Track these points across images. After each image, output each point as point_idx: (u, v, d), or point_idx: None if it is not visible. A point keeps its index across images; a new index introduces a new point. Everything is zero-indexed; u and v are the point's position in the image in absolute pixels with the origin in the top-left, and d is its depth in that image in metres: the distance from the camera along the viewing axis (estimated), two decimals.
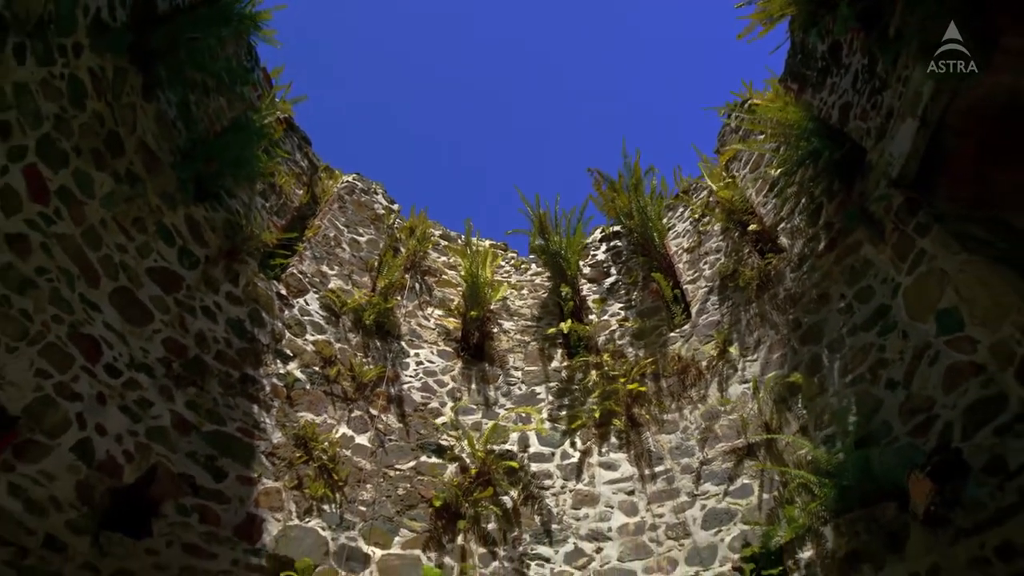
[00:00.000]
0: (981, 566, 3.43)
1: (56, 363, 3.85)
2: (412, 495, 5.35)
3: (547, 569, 4.99)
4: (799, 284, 5.38)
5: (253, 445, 4.91)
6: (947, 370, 3.98)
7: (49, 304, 3.89)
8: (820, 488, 4.29)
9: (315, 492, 4.92)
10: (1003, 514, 3.42)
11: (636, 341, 6.54)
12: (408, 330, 6.67)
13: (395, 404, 5.96)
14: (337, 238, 6.93)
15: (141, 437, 4.27)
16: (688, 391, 5.79)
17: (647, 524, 5.11)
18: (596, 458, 5.72)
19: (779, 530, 4.47)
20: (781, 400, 5.04)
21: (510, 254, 8.52)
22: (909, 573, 3.72)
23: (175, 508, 4.25)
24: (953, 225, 4.19)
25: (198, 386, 4.79)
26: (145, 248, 4.73)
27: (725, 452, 5.17)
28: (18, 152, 3.70)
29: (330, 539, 4.77)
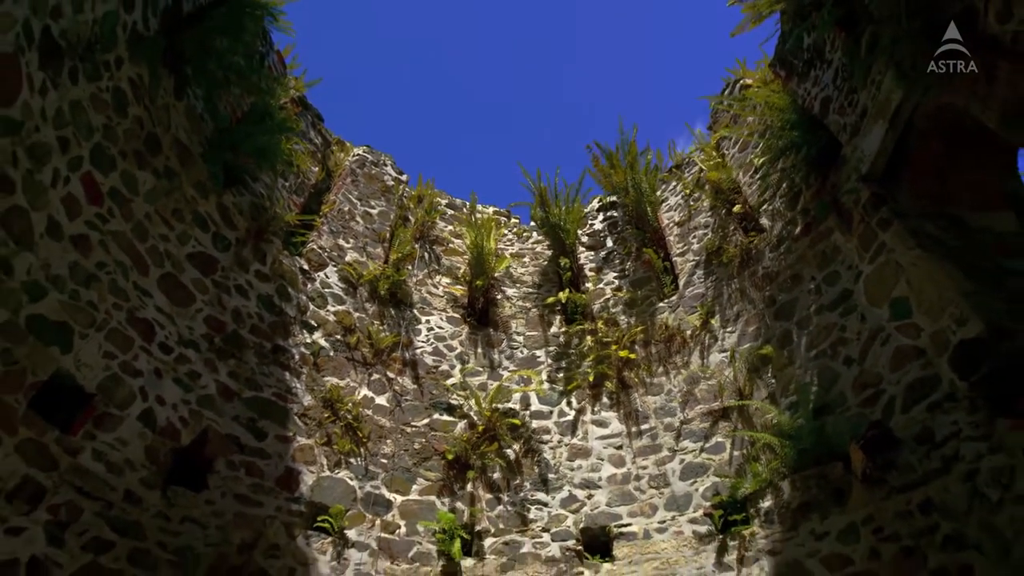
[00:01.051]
0: (905, 518, 4.10)
1: (119, 345, 4.41)
2: (427, 449, 6.03)
3: (545, 512, 5.72)
4: (776, 263, 5.86)
5: (287, 408, 5.54)
6: (895, 351, 4.53)
7: (109, 294, 4.40)
8: (781, 448, 4.93)
9: (342, 447, 5.58)
10: (927, 477, 4.06)
11: (628, 309, 7.09)
12: (419, 298, 7.21)
13: (409, 367, 6.57)
14: (351, 211, 7.36)
15: (193, 405, 4.88)
16: (673, 357, 6.38)
17: (632, 475, 5.81)
18: (589, 416, 6.38)
19: (745, 483, 5.14)
20: (754, 369, 5.62)
21: (513, 221, 8.95)
22: (849, 522, 4.40)
23: (225, 464, 4.91)
24: (912, 222, 4.64)
25: (237, 358, 5.37)
26: (184, 236, 5.20)
27: (703, 414, 5.81)
28: (76, 162, 4.12)
29: (357, 488, 5.47)
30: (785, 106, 5.77)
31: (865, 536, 4.26)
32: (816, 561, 4.44)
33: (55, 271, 3.96)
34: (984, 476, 3.73)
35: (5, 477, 3.54)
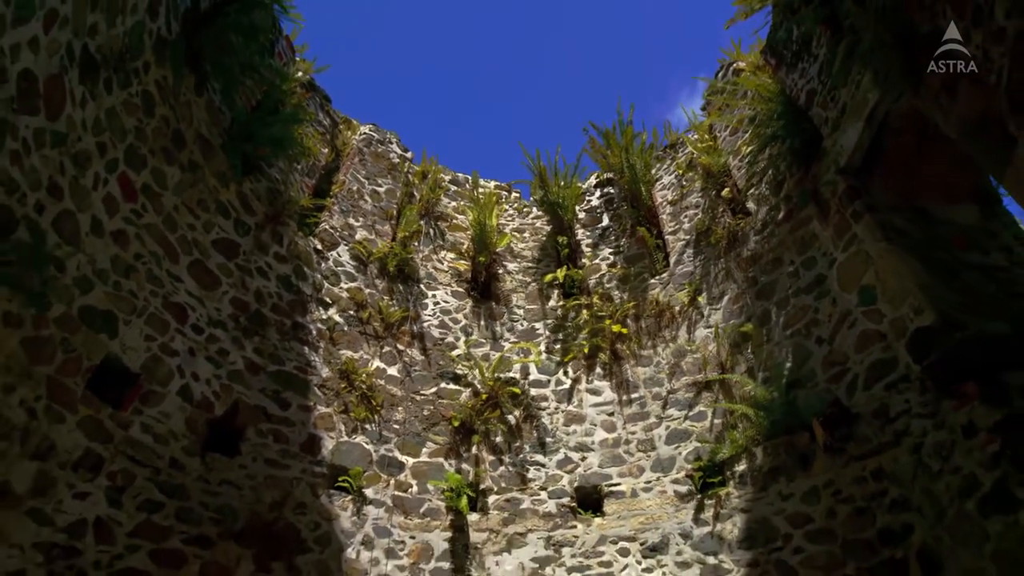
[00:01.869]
0: (860, 483, 4.62)
1: (157, 328, 4.85)
2: (435, 415, 6.55)
3: (543, 473, 6.28)
4: (760, 246, 6.24)
5: (307, 380, 6.02)
6: (860, 334, 4.97)
7: (146, 282, 4.82)
8: (756, 418, 5.43)
9: (358, 415, 6.10)
10: (881, 448, 4.56)
11: (622, 285, 7.49)
12: (425, 274, 7.61)
13: (417, 340, 7.03)
14: (360, 191, 7.68)
15: (224, 379, 5.35)
16: (662, 331, 6.83)
17: (622, 439, 6.34)
18: (584, 385, 6.87)
19: (723, 448, 5.66)
20: (735, 345, 6.07)
21: (513, 195, 9.25)
22: (811, 485, 4.93)
23: (255, 432, 5.42)
24: (881, 215, 5.00)
25: (260, 335, 5.82)
26: (208, 224, 5.57)
27: (688, 384, 6.30)
28: (112, 164, 4.47)
29: (373, 451, 6.01)
30: (773, 96, 6.03)
31: (825, 498, 4.79)
32: (782, 518, 5.00)
33: (99, 265, 4.36)
34: (928, 449, 4.22)
35: (70, 449, 4.04)
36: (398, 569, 5.39)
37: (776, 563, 4.86)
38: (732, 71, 7.14)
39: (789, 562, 4.80)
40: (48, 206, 3.84)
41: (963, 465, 3.95)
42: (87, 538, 4.08)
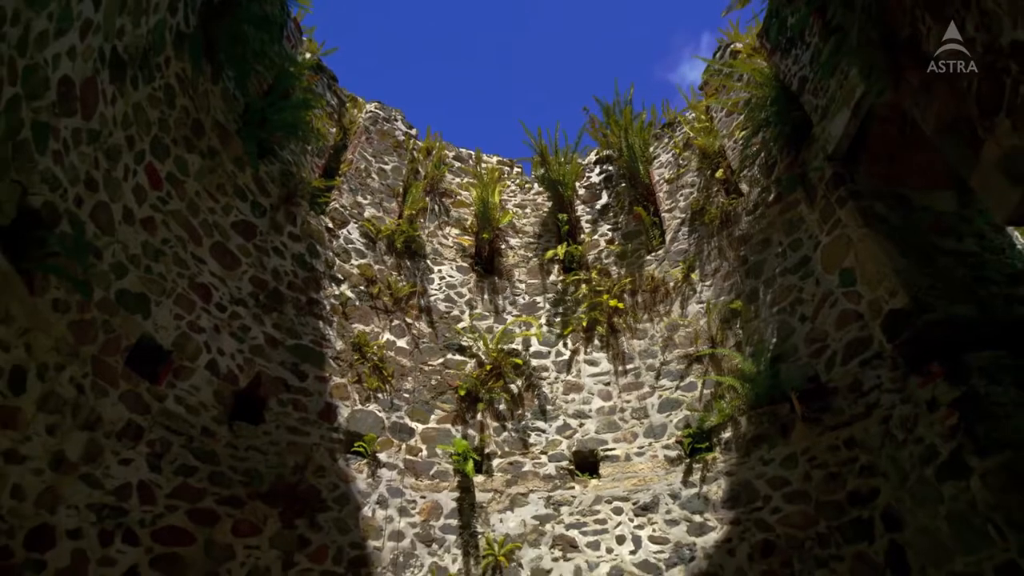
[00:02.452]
0: (833, 450, 5.03)
1: (185, 308, 5.18)
2: (442, 384, 6.95)
3: (543, 438, 6.71)
4: (751, 227, 6.52)
5: (323, 352, 6.39)
6: (840, 314, 5.31)
7: (173, 265, 5.13)
8: (742, 390, 5.81)
9: (371, 385, 6.49)
10: (853, 419, 4.95)
11: (619, 261, 7.80)
12: (431, 249, 7.91)
13: (425, 313, 7.38)
14: (367, 169, 7.91)
15: (246, 353, 5.72)
16: (657, 306, 7.16)
17: (618, 407, 6.75)
18: (582, 356, 7.25)
19: (711, 417, 6.07)
20: (725, 320, 6.42)
21: (515, 171, 9.46)
22: (790, 452, 5.34)
23: (276, 402, 5.81)
24: (864, 201, 5.27)
25: (278, 311, 6.16)
26: (228, 207, 5.85)
27: (680, 357, 6.67)
28: (140, 156, 4.73)
29: (385, 418, 6.42)
30: (767, 81, 6.22)
31: (802, 463, 5.21)
32: (763, 481, 5.43)
33: (132, 251, 4.67)
34: (895, 421, 4.61)
35: (114, 421, 4.43)
36: (410, 526, 5.86)
37: (756, 521, 5.31)
38: (729, 52, 7.29)
39: (768, 520, 5.25)
40: (85, 199, 4.13)
41: (925, 436, 4.34)
42: (132, 499, 4.51)
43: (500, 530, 5.99)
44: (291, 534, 5.28)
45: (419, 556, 5.71)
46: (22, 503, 3.75)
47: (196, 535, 4.82)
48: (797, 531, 5.05)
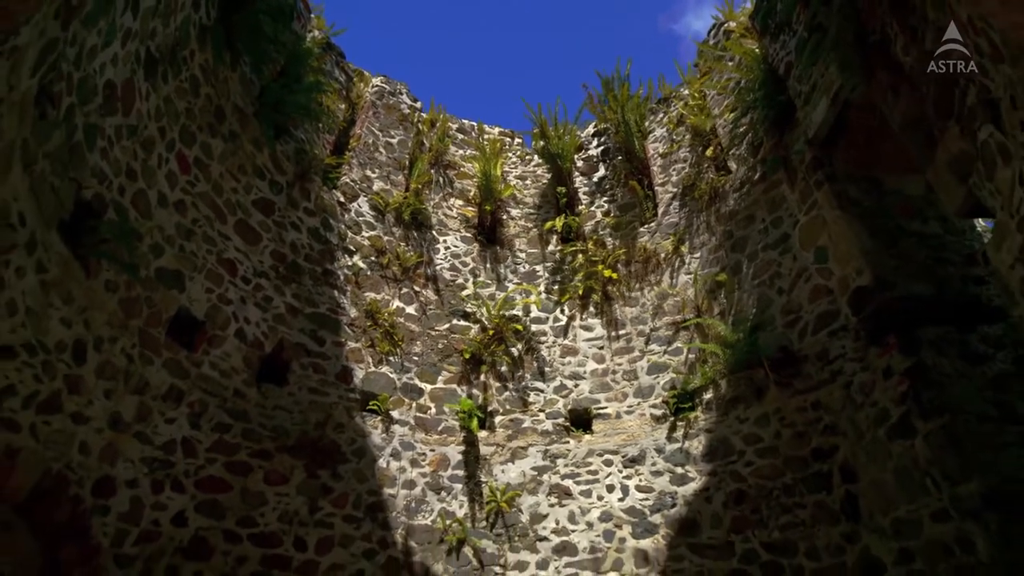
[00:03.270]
0: (801, 411, 5.56)
1: (215, 281, 5.64)
2: (448, 348, 7.46)
3: (541, 397, 7.26)
4: (737, 203, 6.89)
5: (338, 319, 6.87)
6: (813, 288, 5.75)
7: (203, 242, 5.56)
8: (723, 355, 6.31)
9: (383, 349, 7.00)
10: (820, 384, 5.46)
11: (614, 232, 8.18)
12: (437, 220, 8.29)
13: (431, 282, 7.83)
14: (375, 143, 8.21)
15: (270, 322, 6.20)
16: (648, 276, 7.60)
17: (610, 370, 7.28)
18: (578, 322, 7.74)
19: (694, 379, 6.59)
20: (710, 291, 6.87)
21: (516, 142, 9.73)
22: (763, 412, 5.87)
23: (299, 366, 6.33)
24: (839, 185, 5.64)
25: (297, 282, 6.61)
26: (248, 186, 6.22)
27: (668, 324, 7.15)
28: (171, 144, 5.09)
29: (396, 379, 6.95)
30: (756, 64, 6.49)
31: (773, 422, 5.75)
32: (738, 438, 5.98)
33: (167, 232, 5.09)
34: (855, 386, 5.12)
35: (159, 385, 4.94)
36: (421, 476, 6.46)
37: (731, 473, 5.89)
38: (723, 31, 7.49)
39: (741, 472, 5.83)
40: (127, 188, 4.54)
41: (879, 400, 4.85)
42: (177, 453, 5.07)
43: (502, 480, 6.60)
44: (315, 483, 5.88)
45: (429, 502, 6.33)
46: (88, 457, 4.30)
47: (233, 484, 5.42)
48: (766, 482, 5.64)
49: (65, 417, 4.04)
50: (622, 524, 6.21)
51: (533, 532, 6.28)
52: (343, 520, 5.86)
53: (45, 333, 3.78)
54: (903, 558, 4.52)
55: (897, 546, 4.57)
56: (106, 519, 4.47)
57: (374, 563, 5.81)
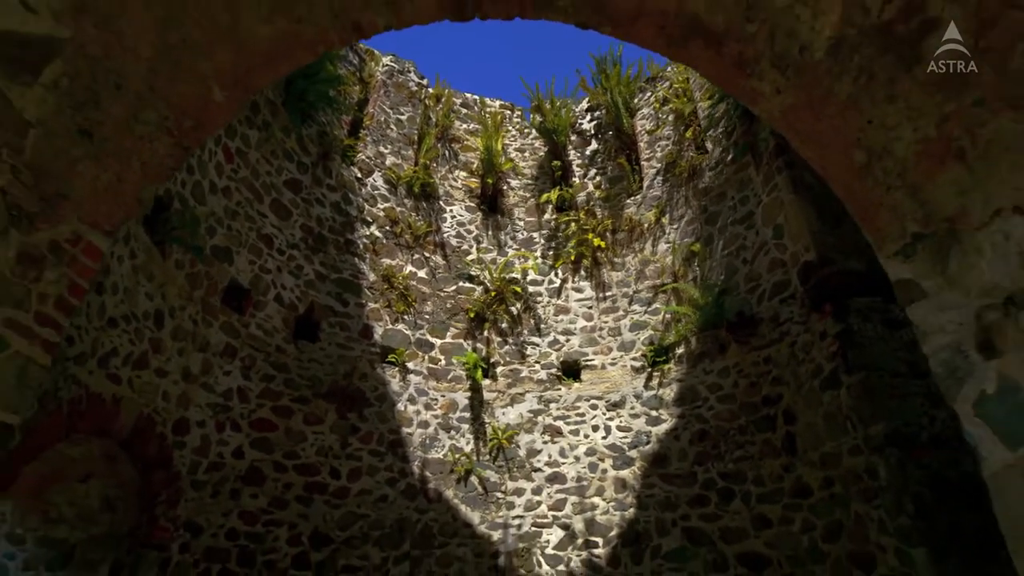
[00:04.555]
0: (756, 365, 6.48)
1: (256, 254, 6.46)
2: (455, 307, 8.36)
3: (537, 351, 8.20)
4: (712, 181, 7.63)
5: (359, 284, 7.73)
6: (770, 261, 6.58)
7: (245, 221, 6.36)
8: (694, 316, 7.20)
9: (398, 309, 7.89)
10: (771, 342, 6.36)
11: (604, 203, 8.93)
12: (444, 192, 9.03)
13: (439, 248, 8.65)
14: (386, 121, 8.85)
15: (302, 287, 7.06)
16: (633, 244, 8.41)
17: (597, 327, 8.19)
18: (570, 285, 8.60)
19: (669, 336, 7.51)
20: (686, 259, 7.70)
21: (516, 112, 10.31)
22: (725, 365, 6.80)
23: (327, 325, 7.23)
24: (796, 171, 6.38)
25: (323, 252, 7.43)
26: (279, 168, 6.96)
27: (649, 287, 8.01)
28: (217, 139, 5.81)
29: (411, 335, 7.88)
30: None
31: (733, 374, 6.70)
32: (703, 387, 6.95)
33: (218, 215, 5.88)
34: (798, 345, 6.03)
35: (217, 344, 5.85)
36: (433, 417, 7.47)
37: (696, 416, 6.89)
38: None
39: (704, 415, 6.82)
40: (187, 181, 5.31)
41: (816, 357, 5.76)
42: (234, 400, 6.03)
43: (503, 421, 7.62)
44: (345, 423, 6.88)
45: (441, 439, 7.36)
46: (168, 404, 5.24)
47: (278, 424, 6.41)
48: (725, 423, 6.63)
49: (151, 372, 4.96)
50: (604, 458, 7.26)
51: (529, 464, 7.34)
52: (369, 454, 6.90)
53: (136, 306, 4.65)
54: (826, 483, 5.54)
55: (822, 474, 5.59)
56: (183, 452, 5.46)
57: (396, 489, 6.87)
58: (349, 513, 6.54)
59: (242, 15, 2.01)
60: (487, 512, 7.03)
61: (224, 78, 2.13)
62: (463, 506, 7.01)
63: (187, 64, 2.00)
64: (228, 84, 2.16)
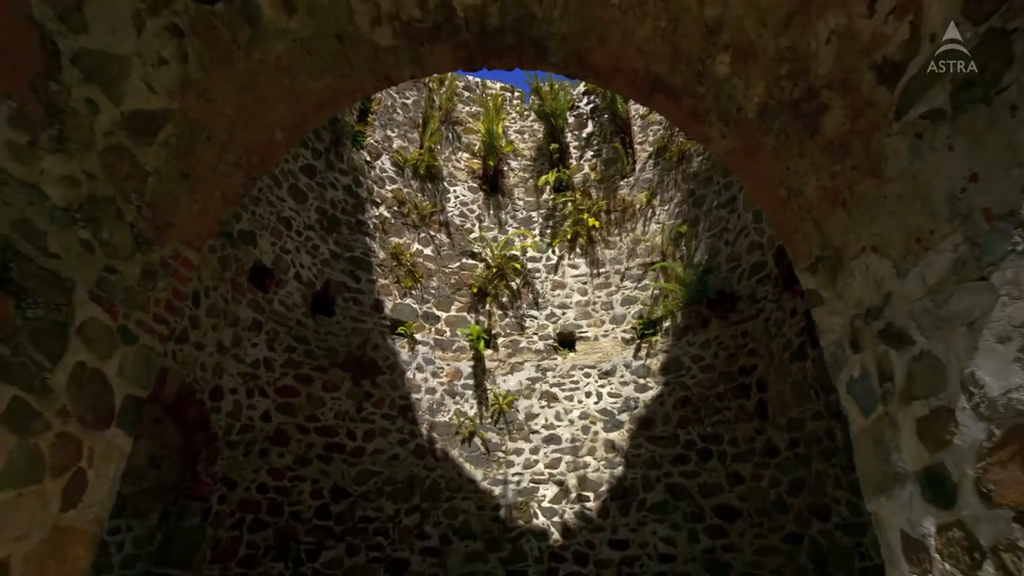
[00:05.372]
0: (734, 338, 7.13)
1: (276, 236, 7.02)
2: (459, 283, 8.95)
3: (535, 323, 8.83)
4: (699, 166, 8.13)
5: (370, 261, 8.31)
6: (750, 243, 7.14)
7: (267, 206, 6.90)
8: (680, 293, 7.80)
9: (407, 284, 8.49)
10: (748, 318, 6.97)
11: (599, 184, 9.43)
12: (447, 173, 9.52)
13: (444, 227, 9.19)
14: (392, 105, 9.28)
15: (318, 265, 7.64)
16: (625, 224, 8.95)
17: (591, 301, 8.81)
18: (567, 261, 9.17)
19: (657, 310, 8.13)
20: (674, 239, 8.26)
21: (516, 94, 10.70)
22: (707, 338, 7.43)
23: (342, 300, 7.84)
24: None
25: (337, 232, 7.99)
26: (296, 155, 7.45)
27: (639, 265, 8.59)
28: None
29: (418, 309, 8.50)
30: None
31: (713, 346, 7.34)
32: (687, 357, 7.59)
33: (243, 202, 6.43)
34: (772, 321, 6.65)
35: (246, 319, 6.46)
36: (440, 384, 8.15)
37: (679, 384, 7.56)
38: None
39: (687, 383, 7.49)
40: None
41: (787, 332, 6.39)
42: (260, 369, 6.68)
43: (503, 387, 8.30)
44: (360, 390, 7.56)
45: (447, 404, 8.06)
46: (205, 373, 5.88)
47: (300, 390, 7.07)
48: (705, 391, 7.31)
49: (190, 345, 5.59)
50: (596, 421, 7.98)
51: (527, 427, 8.05)
52: (382, 417, 7.60)
53: None
54: (792, 444, 6.24)
55: (789, 436, 6.28)
56: (219, 416, 6.13)
57: (406, 449, 7.59)
58: (364, 470, 7.27)
59: (299, 77, 2.53)
60: (489, 470, 7.77)
61: (284, 124, 2.67)
62: (467, 464, 7.75)
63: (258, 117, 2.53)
64: (287, 128, 2.70)
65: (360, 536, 6.98)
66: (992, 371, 1.52)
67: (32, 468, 1.87)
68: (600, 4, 2.44)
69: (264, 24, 2.30)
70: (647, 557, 7.02)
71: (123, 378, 2.29)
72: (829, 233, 2.32)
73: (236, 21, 2.23)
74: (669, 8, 2.34)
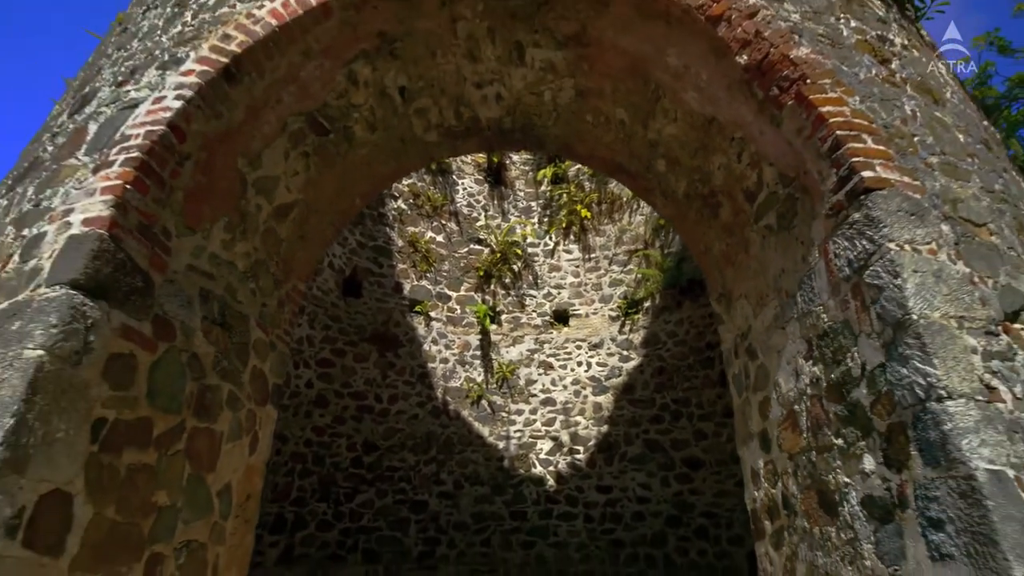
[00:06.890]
0: (703, 318, 8.44)
1: None
2: (468, 266, 10.19)
3: (534, 302, 10.11)
4: None
5: (390, 249, 9.54)
6: None
7: None
8: (659, 277, 9.07)
9: (422, 268, 9.73)
10: None
11: (591, 179, 10.54)
12: (456, 167, 10.63)
13: (454, 216, 10.37)
14: None
15: (347, 254, 8.87)
16: (614, 214, 10.13)
17: (583, 283, 10.07)
18: (562, 247, 10.39)
19: (640, 292, 9.40)
20: (655, 230, 9.47)
21: None
22: (680, 317, 8.75)
23: (367, 283, 9.10)
24: None
25: (362, 224, 9.17)
26: None
27: (625, 251, 9.82)
28: None
29: (432, 290, 9.76)
30: None
31: (685, 324, 8.66)
32: (663, 334, 8.93)
33: None
34: None
35: None
36: (452, 355, 9.49)
37: (657, 356, 8.91)
38: None
39: (663, 355, 8.84)
40: None
41: None
42: (304, 345, 7.99)
43: (506, 357, 9.65)
44: (384, 360, 8.89)
45: (458, 372, 9.42)
46: None
47: (336, 362, 8.41)
48: (678, 362, 8.66)
49: None
50: (586, 387, 9.36)
51: (527, 391, 9.44)
52: (403, 384, 8.96)
53: None
54: None
55: None
56: None
57: (424, 410, 8.99)
58: (390, 428, 8.68)
59: (374, 165, 3.72)
60: (494, 427, 9.19)
61: (363, 195, 3.86)
62: (476, 423, 9.16)
63: (346, 193, 3.73)
64: (364, 196, 3.90)
65: (387, 482, 8.43)
66: (784, 379, 2.82)
67: (239, 430, 3.16)
68: (580, 120, 3.64)
69: (357, 140, 3.50)
70: (627, 499, 8.49)
71: (272, 373, 3.57)
72: (726, 280, 3.58)
73: (340, 142, 3.42)
74: (624, 129, 3.55)
